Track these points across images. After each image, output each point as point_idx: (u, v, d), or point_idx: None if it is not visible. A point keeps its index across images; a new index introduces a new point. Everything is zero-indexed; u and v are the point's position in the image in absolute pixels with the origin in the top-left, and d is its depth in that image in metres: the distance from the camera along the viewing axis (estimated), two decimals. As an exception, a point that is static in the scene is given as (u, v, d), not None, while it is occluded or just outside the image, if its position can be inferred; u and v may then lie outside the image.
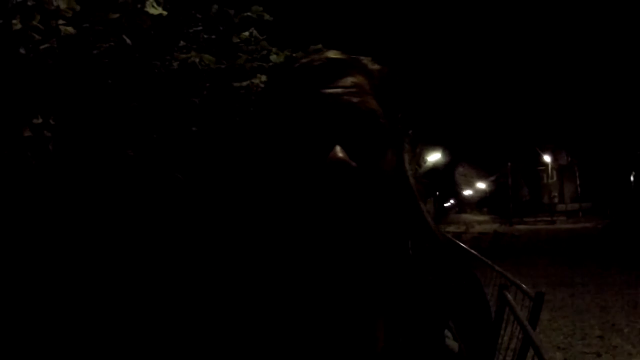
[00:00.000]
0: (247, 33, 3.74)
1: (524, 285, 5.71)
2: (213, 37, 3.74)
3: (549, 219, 59.27)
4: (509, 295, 5.32)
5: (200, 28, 3.67)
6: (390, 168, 0.96)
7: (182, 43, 3.41)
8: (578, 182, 72.78)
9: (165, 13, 2.73)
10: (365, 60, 1.06)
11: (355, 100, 0.94)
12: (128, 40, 2.71)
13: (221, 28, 3.73)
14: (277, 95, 0.99)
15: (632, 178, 65.49)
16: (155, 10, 2.65)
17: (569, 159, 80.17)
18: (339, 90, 0.95)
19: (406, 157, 1.04)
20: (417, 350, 0.95)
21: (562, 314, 10.91)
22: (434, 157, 38.20)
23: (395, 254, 0.99)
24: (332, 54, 1.01)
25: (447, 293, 1.04)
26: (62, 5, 2.38)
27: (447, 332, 1.00)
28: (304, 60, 1.00)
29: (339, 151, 0.87)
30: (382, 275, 0.96)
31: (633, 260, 19.66)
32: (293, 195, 0.90)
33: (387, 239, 0.95)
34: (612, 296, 12.84)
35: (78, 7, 2.46)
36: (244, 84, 3.29)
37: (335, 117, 0.92)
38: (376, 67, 1.06)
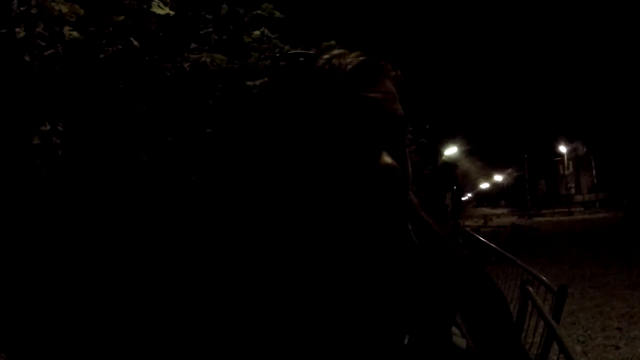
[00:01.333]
0: (258, 32, 3.72)
1: (546, 279, 5.66)
2: (224, 37, 3.72)
3: (566, 210, 59.10)
4: (531, 290, 5.29)
5: (210, 29, 3.65)
6: (409, 172, 0.98)
7: (193, 45, 3.38)
8: (594, 173, 72.61)
9: (172, 13, 2.71)
10: (388, 65, 1.05)
11: (394, 106, 0.96)
12: (135, 42, 2.68)
13: (231, 27, 3.71)
14: (300, 94, 0.97)
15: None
16: (161, 10, 2.62)
17: (585, 149, 79.78)
18: (379, 95, 0.95)
19: (408, 164, 1.03)
20: (423, 347, 0.94)
21: (581, 306, 10.84)
22: (450, 150, 38.13)
23: (405, 250, 1.01)
24: (355, 56, 0.99)
25: (453, 290, 1.04)
26: (65, 10, 2.36)
27: (454, 329, 0.98)
28: (334, 61, 0.98)
29: (387, 157, 0.90)
30: (394, 270, 0.98)
31: None
32: (332, 198, 0.91)
33: (402, 236, 1.00)
34: (632, 288, 12.75)
35: (82, 11, 2.43)
36: (257, 82, 3.26)
37: (379, 123, 0.93)
38: (396, 72, 1.05)
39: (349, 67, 0.96)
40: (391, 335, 0.93)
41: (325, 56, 1.00)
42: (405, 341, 0.93)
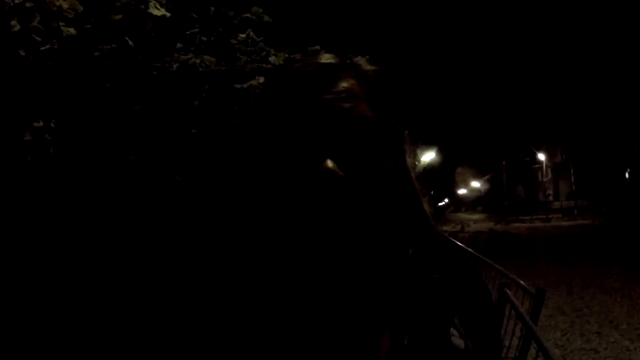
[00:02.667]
0: (244, 35, 3.73)
1: (523, 282, 5.75)
2: (211, 38, 3.73)
3: (545, 217, 59.29)
4: (509, 292, 5.36)
5: (197, 30, 3.66)
6: (388, 170, 0.95)
7: (179, 45, 3.39)
8: (573, 180, 72.94)
9: (168, 14, 2.72)
10: (360, 61, 1.05)
11: (346, 105, 0.93)
12: (130, 42, 2.69)
13: (220, 29, 3.72)
14: (273, 99, 0.98)
15: (627, 175, 65.66)
16: (158, 11, 2.63)
17: (564, 156, 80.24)
18: (329, 96, 0.93)
19: (407, 156, 1.04)
20: (423, 349, 0.94)
21: (560, 311, 10.99)
22: (428, 156, 38.18)
23: (397, 256, 0.97)
24: (325, 59, 1.01)
25: (452, 291, 1.03)
26: (65, 5, 2.37)
27: (452, 330, 1.00)
28: (297, 65, 1.00)
29: (330, 161, 0.87)
30: (383, 280, 0.94)
31: (631, 257, 19.76)
32: (287, 202, 0.89)
33: (387, 241, 0.94)
34: (611, 293, 12.91)
35: (81, 8, 2.44)
36: (245, 85, 3.28)
37: (328, 124, 0.91)
38: (371, 67, 1.05)
39: (306, 69, 0.97)
40: (392, 336, 0.94)
41: (298, 63, 1.01)
42: (405, 341, 0.94)
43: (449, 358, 0.96)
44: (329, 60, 1.00)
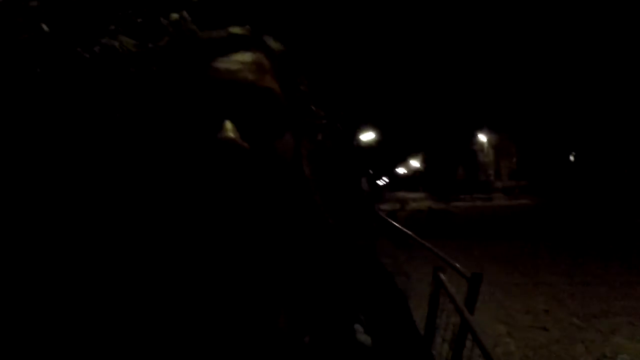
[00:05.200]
0: (176, 15, 3.64)
1: (458, 265, 5.62)
2: (139, 20, 3.62)
3: (486, 196, 60.42)
4: (443, 277, 5.27)
5: (131, 11, 3.55)
6: (286, 151, 0.92)
7: (112, 27, 3.29)
8: (514, 160, 74.27)
9: None
10: (267, 37, 1.02)
11: (251, 77, 0.90)
12: (46, 28, 2.60)
13: (149, 10, 3.62)
14: (177, 68, 0.94)
15: (571, 158, 67.40)
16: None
17: (506, 137, 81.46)
18: (234, 66, 0.90)
19: (306, 145, 1.01)
20: (326, 345, 0.90)
21: (504, 289, 11.05)
22: (366, 136, 38.45)
23: (288, 243, 0.95)
24: (234, 30, 0.97)
25: (354, 285, 1.00)
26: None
27: (358, 327, 0.95)
28: (203, 35, 0.96)
29: (229, 130, 0.83)
30: (276, 263, 0.92)
31: (569, 235, 20.31)
32: (185, 177, 0.85)
33: (279, 226, 0.91)
34: (553, 270, 13.18)
35: None
36: (167, 66, 3.18)
37: (228, 94, 0.87)
38: (277, 45, 1.02)
39: (212, 38, 0.94)
40: (287, 336, 0.90)
41: (204, 34, 0.97)
42: (306, 340, 0.90)
43: (353, 356, 0.92)
44: (237, 32, 0.97)
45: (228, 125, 0.84)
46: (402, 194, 71.52)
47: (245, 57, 0.93)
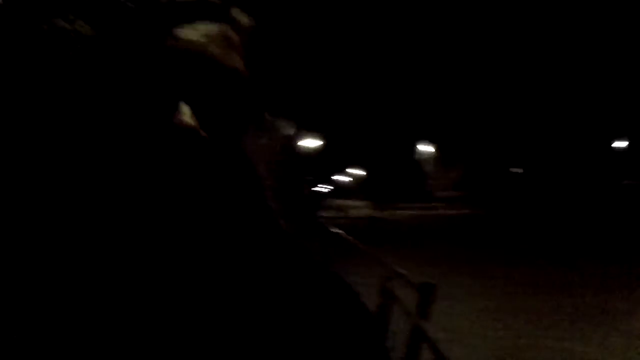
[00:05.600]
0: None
1: (406, 274, 5.51)
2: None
3: (428, 205, 61.39)
4: (393, 289, 5.18)
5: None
6: (246, 143, 0.83)
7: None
8: (457, 171, 75.48)
9: None
10: (234, 10, 0.88)
11: (214, 51, 0.77)
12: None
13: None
14: (130, 43, 0.82)
15: (512, 170, 69.49)
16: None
17: (451, 149, 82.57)
18: (195, 36, 0.77)
19: (263, 141, 0.93)
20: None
21: (453, 294, 11.13)
22: (307, 142, 38.52)
23: (237, 247, 0.81)
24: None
25: (306, 292, 0.89)
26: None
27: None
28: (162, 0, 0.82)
29: (186, 115, 0.73)
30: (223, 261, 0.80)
31: (506, 242, 20.99)
32: (138, 161, 0.73)
33: (229, 227, 0.79)
34: (494, 274, 13.69)
35: None
36: (121, 50, 3.04)
37: (186, 68, 0.75)
38: (246, 19, 0.88)
39: (171, 4, 0.81)
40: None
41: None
42: None
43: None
44: None
45: (184, 108, 0.74)
46: (342, 202, 71.78)
47: (211, 27, 0.81)
